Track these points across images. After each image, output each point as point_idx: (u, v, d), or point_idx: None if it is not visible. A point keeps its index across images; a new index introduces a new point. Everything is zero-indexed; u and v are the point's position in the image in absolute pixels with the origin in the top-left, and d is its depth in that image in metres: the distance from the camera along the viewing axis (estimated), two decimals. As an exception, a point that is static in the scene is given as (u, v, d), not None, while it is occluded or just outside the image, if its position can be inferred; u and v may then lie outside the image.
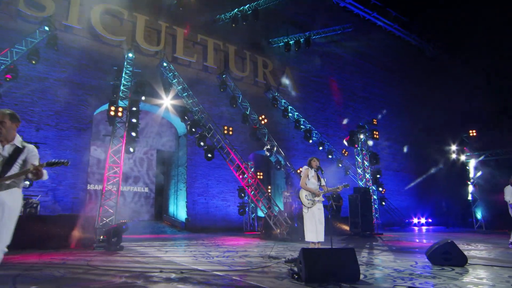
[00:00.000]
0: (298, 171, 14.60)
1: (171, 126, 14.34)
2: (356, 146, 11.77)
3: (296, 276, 3.62)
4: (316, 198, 5.48)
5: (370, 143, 13.07)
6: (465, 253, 4.61)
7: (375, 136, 12.24)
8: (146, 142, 13.91)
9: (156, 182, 14.82)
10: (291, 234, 8.88)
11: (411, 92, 22.52)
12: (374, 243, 7.96)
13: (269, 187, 15.93)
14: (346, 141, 12.14)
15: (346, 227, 11.11)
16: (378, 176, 16.02)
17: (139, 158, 14.42)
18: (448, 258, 4.53)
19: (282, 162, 14.84)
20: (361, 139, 12.43)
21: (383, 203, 16.36)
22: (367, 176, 12.46)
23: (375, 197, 16.32)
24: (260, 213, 13.34)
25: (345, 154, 16.92)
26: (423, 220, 19.01)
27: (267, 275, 3.85)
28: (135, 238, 9.05)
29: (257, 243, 7.90)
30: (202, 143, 11.03)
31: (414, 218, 19.05)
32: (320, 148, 16.46)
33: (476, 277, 3.70)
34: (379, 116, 20.20)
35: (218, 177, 13.87)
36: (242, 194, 12.81)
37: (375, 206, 16.17)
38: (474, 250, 6.07)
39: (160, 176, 14.98)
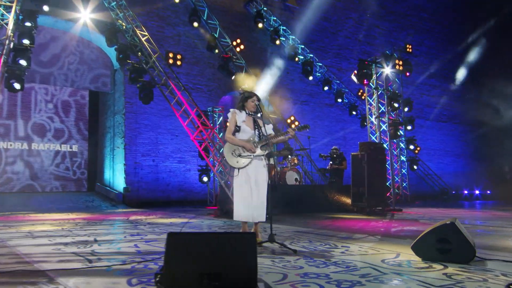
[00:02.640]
0: (288, 121, 13.77)
1: (103, 54, 13.37)
2: (365, 82, 10.68)
3: (158, 279, 2.90)
4: (250, 153, 4.65)
5: (384, 73, 11.85)
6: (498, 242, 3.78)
7: (398, 67, 11.05)
8: (69, 78, 13.05)
9: (90, 137, 14.24)
10: None
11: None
12: (364, 225, 7.35)
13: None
14: (355, 75, 11.04)
15: (348, 200, 10.50)
16: (409, 127, 15.14)
17: (63, 103, 13.68)
18: (445, 249, 3.76)
19: (269, 109, 13.94)
20: (377, 72, 11.30)
21: (415, 166, 15.62)
22: (383, 127, 11.51)
23: (403, 158, 15.58)
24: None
25: (363, 97, 15.90)
26: (477, 192, 18.22)
27: (133, 275, 3.17)
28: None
29: (208, 222, 7.46)
30: (136, 78, 10.15)
31: (465, 190, 18.27)
32: (326, 88, 15.47)
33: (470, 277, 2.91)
34: (416, 41, 18.74)
35: (173, 129, 13.13)
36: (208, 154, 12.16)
37: (403, 170, 15.48)
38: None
39: (96, 128, 14.36)
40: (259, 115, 4.89)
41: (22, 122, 12.92)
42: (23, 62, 8.24)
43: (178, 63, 11.06)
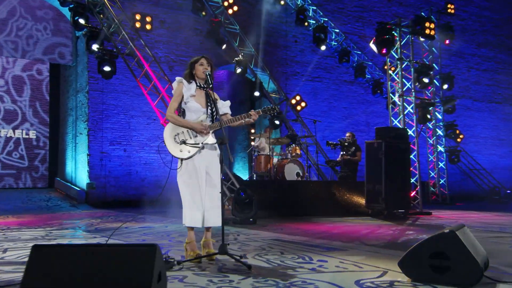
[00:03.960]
0: (293, 101, 13.44)
1: (62, 17, 13.18)
2: (383, 51, 10.21)
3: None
4: (199, 140, 4.35)
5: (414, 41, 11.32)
6: None
7: (429, 31, 10.49)
8: (19, 48, 12.91)
9: (52, 122, 14.16)
10: (244, 212, 8.08)
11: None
12: (369, 232, 7.09)
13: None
14: (374, 43, 10.58)
15: (362, 201, 10.14)
16: (449, 108, 14.64)
17: (15, 78, 13.58)
18: (441, 266, 3.40)
19: (270, 87, 13.58)
20: (402, 38, 10.79)
21: (455, 159, 15.09)
22: (409, 108, 11.03)
23: (440, 148, 15.07)
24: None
25: (392, 70, 15.37)
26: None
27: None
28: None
29: (173, 228, 7.26)
30: (94, 47, 9.91)
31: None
32: (343, 61, 15.00)
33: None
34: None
35: (150, 111, 12.89)
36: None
37: (441, 164, 14.98)
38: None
39: (57, 111, 14.27)
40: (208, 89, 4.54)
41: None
42: None
43: (148, 27, 10.76)
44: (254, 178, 11.16)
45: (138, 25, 10.50)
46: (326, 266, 4.08)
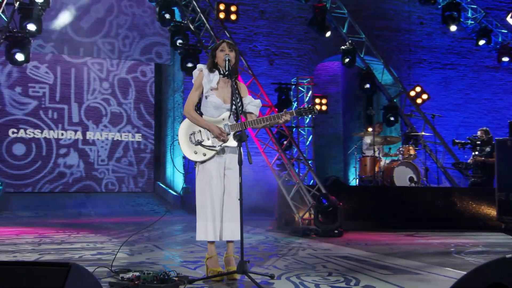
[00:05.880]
0: (412, 93, 12.17)
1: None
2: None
3: None
4: (216, 143, 3.94)
5: None
6: None
7: None
8: (115, 49, 13.60)
9: (156, 124, 14.76)
10: (328, 222, 7.37)
11: None
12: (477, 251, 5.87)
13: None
14: None
15: (493, 212, 8.70)
16: None
17: (120, 81, 14.36)
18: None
19: (385, 78, 12.39)
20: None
21: None
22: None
23: None
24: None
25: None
26: None
27: None
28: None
29: (257, 239, 6.81)
30: (178, 42, 9.92)
31: None
32: (482, 42, 13.28)
33: None
34: None
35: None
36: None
37: None
38: None
39: (160, 112, 14.83)
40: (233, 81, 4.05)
41: (76, 106, 13.94)
42: (31, 27, 8.59)
43: (233, 17, 10.47)
44: (357, 183, 10.25)
45: (222, 15, 10.29)
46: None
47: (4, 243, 6.18)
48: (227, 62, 3.87)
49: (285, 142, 10.03)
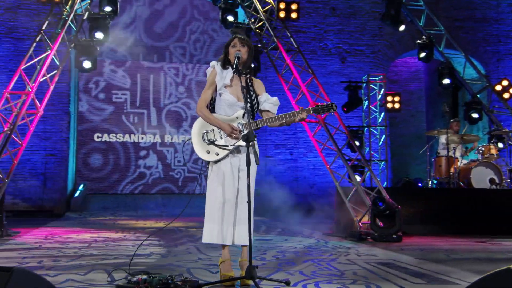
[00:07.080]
0: (498, 87, 11.21)
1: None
2: None
3: None
4: (229, 142, 3.84)
5: None
6: None
7: None
8: (187, 53, 13.79)
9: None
10: (385, 226, 6.94)
11: None
12: None
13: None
14: None
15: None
16: None
17: (197, 84, 14.54)
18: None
19: (467, 73, 11.47)
20: None
21: None
22: None
23: None
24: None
25: None
26: None
27: None
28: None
29: (307, 243, 6.59)
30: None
31: None
32: None
33: None
34: None
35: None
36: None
37: None
38: None
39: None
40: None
41: (154, 110, 14.36)
42: (99, 35, 8.89)
43: (293, 15, 10.08)
44: (429, 185, 9.56)
45: (282, 14, 9.99)
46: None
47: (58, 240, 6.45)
48: (236, 59, 3.77)
49: (345, 143, 9.55)
